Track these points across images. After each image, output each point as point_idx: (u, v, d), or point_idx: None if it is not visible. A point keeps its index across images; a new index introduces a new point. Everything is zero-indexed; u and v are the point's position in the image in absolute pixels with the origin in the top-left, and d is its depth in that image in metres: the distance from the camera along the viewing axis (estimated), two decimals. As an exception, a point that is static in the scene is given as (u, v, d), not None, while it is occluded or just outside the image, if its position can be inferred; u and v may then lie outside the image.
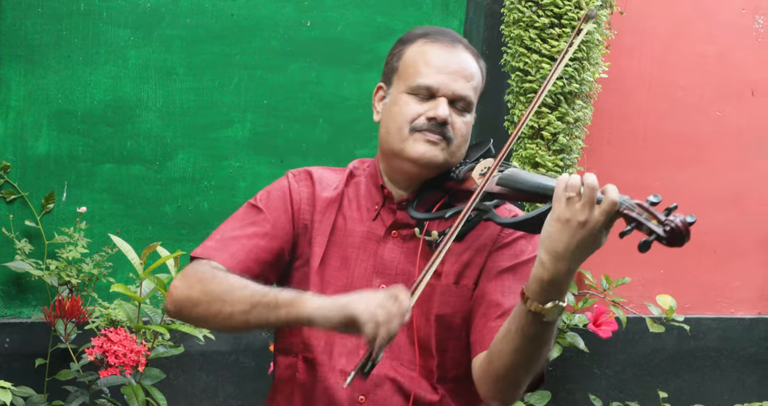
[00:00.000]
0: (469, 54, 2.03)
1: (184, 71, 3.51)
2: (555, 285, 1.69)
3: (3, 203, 3.34)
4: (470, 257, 1.99)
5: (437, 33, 2.03)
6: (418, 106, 1.96)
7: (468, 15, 3.83)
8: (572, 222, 1.64)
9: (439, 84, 1.96)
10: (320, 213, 2.04)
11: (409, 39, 2.04)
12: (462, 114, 1.99)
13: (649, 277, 4.18)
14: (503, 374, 1.82)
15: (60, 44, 3.36)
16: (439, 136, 1.95)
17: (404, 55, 2.01)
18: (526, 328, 1.74)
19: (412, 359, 1.97)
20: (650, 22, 4.07)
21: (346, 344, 1.98)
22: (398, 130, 1.97)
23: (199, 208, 3.56)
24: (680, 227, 1.56)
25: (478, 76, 2.02)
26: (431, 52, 1.98)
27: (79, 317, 3.12)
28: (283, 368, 2.06)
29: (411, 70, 1.98)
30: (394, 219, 2.01)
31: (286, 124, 3.66)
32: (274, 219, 2.02)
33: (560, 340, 3.75)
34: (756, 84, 4.27)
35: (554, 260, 1.66)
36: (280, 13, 3.60)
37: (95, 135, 3.44)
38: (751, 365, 4.40)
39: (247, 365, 3.63)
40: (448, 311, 1.97)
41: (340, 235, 2.03)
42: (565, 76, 3.50)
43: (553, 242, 1.66)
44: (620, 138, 4.09)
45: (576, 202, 1.63)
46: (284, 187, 2.07)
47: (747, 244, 4.34)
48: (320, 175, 2.09)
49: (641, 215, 1.58)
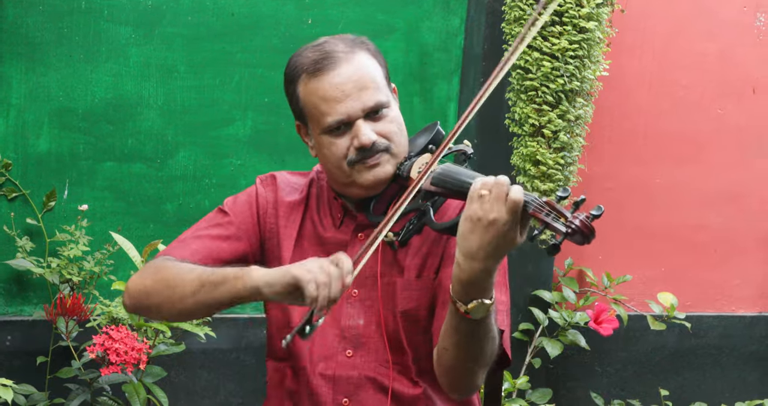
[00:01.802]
0: (353, 55, 1.94)
1: (185, 69, 3.51)
2: (474, 285, 1.69)
3: (4, 201, 3.34)
4: (429, 249, 2.00)
5: (314, 60, 1.93)
6: (342, 141, 1.93)
7: (469, 12, 3.83)
8: (483, 221, 1.63)
9: (347, 112, 1.91)
10: (284, 217, 2.06)
11: (293, 77, 1.97)
12: (382, 116, 1.94)
13: (650, 275, 4.18)
14: (451, 366, 1.85)
15: (61, 42, 3.36)
16: (377, 155, 1.93)
17: (300, 97, 1.96)
18: (458, 326, 1.76)
19: (387, 358, 1.99)
20: (651, 20, 4.07)
21: (324, 349, 2.01)
22: (338, 169, 1.96)
23: (200, 206, 3.56)
24: (581, 227, 1.54)
25: (375, 70, 1.95)
26: (320, 86, 1.92)
27: (80, 314, 3.12)
28: (272, 374, 2.11)
29: (314, 111, 1.94)
30: (357, 223, 2.03)
31: (287, 122, 3.64)
32: (238, 222, 2.05)
33: (561, 338, 3.76)
34: (757, 82, 4.27)
35: (468, 259, 1.66)
36: (281, 11, 3.60)
37: (96, 133, 3.44)
38: (752, 363, 4.40)
39: (248, 363, 3.63)
40: (412, 305, 1.99)
41: (310, 239, 2.05)
42: (566, 73, 3.50)
43: (466, 242, 1.66)
44: (621, 136, 4.09)
45: (487, 200, 1.63)
46: (251, 193, 2.10)
47: (747, 242, 4.34)
48: (283, 180, 2.11)
49: (549, 215, 1.57)
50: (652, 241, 4.15)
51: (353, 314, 2.01)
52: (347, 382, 1.99)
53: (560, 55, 3.48)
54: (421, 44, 3.78)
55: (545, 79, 3.51)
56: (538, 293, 3.84)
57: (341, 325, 2.01)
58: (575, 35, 3.50)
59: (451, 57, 3.84)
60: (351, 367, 1.99)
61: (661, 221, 4.17)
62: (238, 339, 3.61)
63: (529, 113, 3.55)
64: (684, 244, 4.23)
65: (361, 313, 2.00)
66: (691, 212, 4.23)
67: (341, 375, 1.99)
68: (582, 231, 1.54)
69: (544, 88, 3.51)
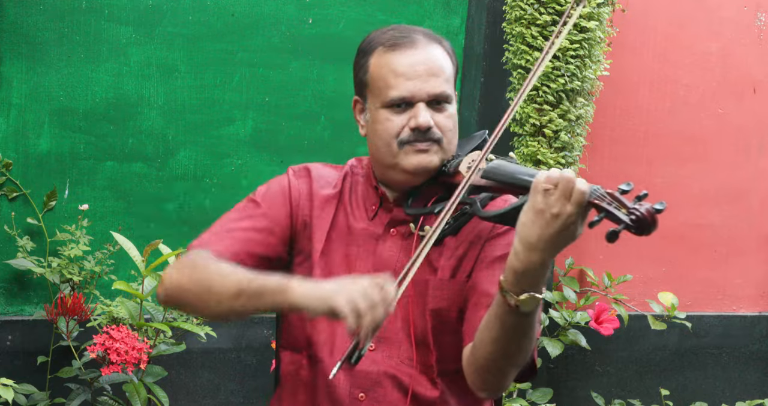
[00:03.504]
0: (431, 45, 1.98)
1: (186, 69, 3.51)
2: (529, 276, 1.68)
3: (5, 201, 3.34)
4: (465, 251, 1.99)
5: (394, 36, 1.97)
6: (399, 119, 1.94)
7: (470, 12, 3.83)
8: (546, 213, 1.63)
9: (412, 91, 1.93)
10: (318, 209, 2.05)
11: (368, 49, 2.00)
12: (443, 109, 1.96)
13: (650, 274, 4.18)
14: (485, 364, 1.83)
15: (62, 42, 3.36)
16: (428, 142, 1.94)
17: (369, 69, 1.98)
18: (504, 318, 1.73)
19: (411, 356, 1.98)
20: (652, 20, 4.07)
21: (346, 341, 1.98)
22: (387, 146, 1.96)
23: (201, 205, 3.56)
24: (645, 215, 1.55)
25: (447, 65, 1.99)
26: (394, 60, 1.95)
27: (80, 314, 3.12)
28: (287, 364, 2.06)
29: (380, 83, 1.95)
30: (391, 217, 2.02)
31: (288, 122, 3.66)
32: (271, 214, 2.03)
33: (562, 337, 3.76)
34: (757, 81, 4.27)
35: (527, 250, 1.65)
36: (281, 10, 3.60)
37: (97, 133, 3.44)
38: (752, 363, 4.40)
39: (249, 362, 3.63)
40: (443, 305, 1.97)
41: (340, 231, 2.03)
42: (567, 73, 3.50)
43: (527, 232, 1.65)
44: (622, 135, 4.09)
45: (552, 194, 1.63)
46: (284, 183, 2.07)
47: (748, 241, 4.34)
48: (318, 172, 2.10)
49: (611, 205, 1.58)
50: (653, 240, 4.11)
51: None
52: (366, 377, 1.97)
53: (561, 54, 3.48)
54: (421, 44, 3.78)
55: (546, 78, 3.51)
56: (539, 293, 3.83)
57: None
58: (576, 35, 3.50)
59: (451, 56, 3.84)
60: (371, 362, 1.97)
61: (661, 220, 4.15)
62: (238, 339, 3.61)
63: (530, 113, 3.55)
64: (685, 243, 4.23)
65: None
66: (691, 211, 4.23)
67: (360, 369, 1.96)
68: (645, 220, 1.54)
69: (545, 88, 3.51)
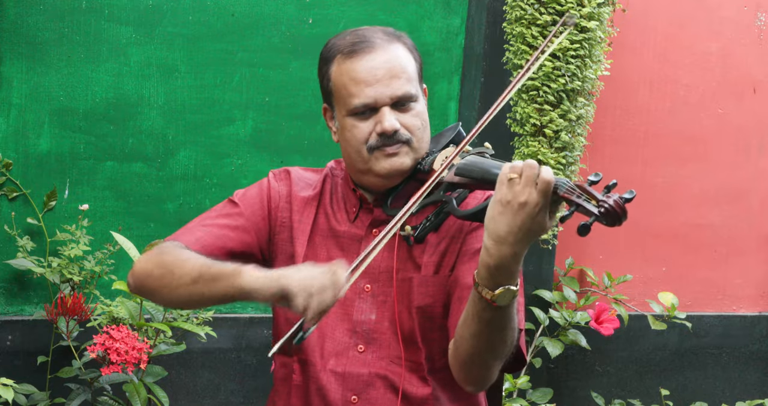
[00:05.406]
0: (391, 45, 1.97)
1: (186, 69, 3.51)
2: (502, 270, 1.68)
3: (5, 201, 3.34)
4: (447, 246, 2.00)
5: (352, 41, 1.97)
6: (365, 125, 1.95)
7: (470, 12, 3.83)
8: (513, 203, 1.63)
9: (374, 97, 1.93)
10: (298, 212, 2.06)
11: (328, 57, 2.00)
12: (409, 109, 1.97)
13: (650, 274, 4.18)
14: (468, 358, 1.84)
15: (62, 42, 3.36)
16: (397, 145, 1.95)
17: (331, 77, 1.99)
18: (480, 313, 1.74)
19: (400, 355, 1.99)
20: (652, 20, 4.07)
21: (335, 345, 2.00)
22: (357, 153, 1.97)
23: (201, 205, 3.56)
24: (614, 206, 1.54)
25: (409, 63, 1.98)
26: (353, 67, 1.95)
27: (81, 314, 3.12)
28: (279, 368, 2.08)
29: (343, 92, 1.96)
30: (372, 218, 2.03)
31: (288, 122, 3.66)
32: (247, 214, 2.05)
33: (562, 337, 3.76)
34: (758, 81, 4.27)
35: (497, 244, 1.66)
36: (281, 10, 3.60)
37: (97, 132, 3.44)
38: (752, 363, 4.40)
39: (249, 362, 3.63)
40: (428, 301, 1.98)
41: (323, 234, 2.05)
42: (568, 73, 3.50)
43: (495, 226, 1.66)
44: (622, 135, 4.09)
45: (517, 183, 1.63)
46: (263, 185, 2.10)
47: (748, 241, 4.34)
48: (298, 175, 2.12)
49: (580, 197, 1.57)
50: (653, 240, 4.15)
51: (365, 309, 2.00)
52: (357, 379, 1.98)
53: (561, 54, 3.48)
54: (421, 44, 3.77)
55: (546, 78, 3.51)
56: (539, 293, 3.84)
57: (353, 320, 2.00)
58: (576, 35, 3.49)
59: (451, 56, 3.84)
60: (362, 364, 1.98)
61: (661, 220, 4.17)
62: (239, 339, 3.61)
63: (531, 113, 3.55)
64: (685, 243, 4.23)
65: (373, 308, 2.00)
66: (691, 211, 4.23)
67: (351, 372, 1.98)
68: (614, 211, 1.53)
69: (546, 88, 3.51)
